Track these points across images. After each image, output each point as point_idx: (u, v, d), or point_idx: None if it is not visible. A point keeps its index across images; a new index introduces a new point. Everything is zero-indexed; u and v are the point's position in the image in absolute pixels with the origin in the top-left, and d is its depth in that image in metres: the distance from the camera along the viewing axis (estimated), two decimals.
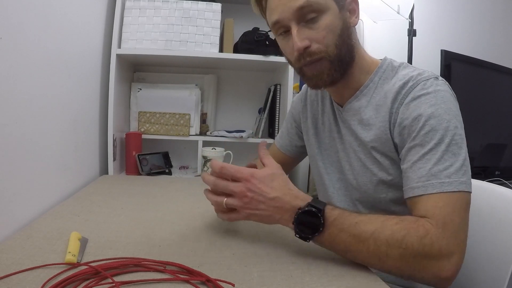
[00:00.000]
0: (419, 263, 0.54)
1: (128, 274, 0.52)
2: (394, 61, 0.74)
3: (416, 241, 0.53)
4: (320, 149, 0.85)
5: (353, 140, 0.75)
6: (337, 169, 0.81)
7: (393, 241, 0.54)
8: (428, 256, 0.53)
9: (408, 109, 0.64)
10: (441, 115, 0.61)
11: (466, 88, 1.66)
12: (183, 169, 1.65)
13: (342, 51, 0.67)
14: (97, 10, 1.24)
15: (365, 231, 0.56)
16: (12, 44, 0.70)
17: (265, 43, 1.45)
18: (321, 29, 0.65)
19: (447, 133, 0.60)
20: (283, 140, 0.99)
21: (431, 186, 0.58)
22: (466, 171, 0.59)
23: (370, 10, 1.58)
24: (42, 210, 0.83)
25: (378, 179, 0.71)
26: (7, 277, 0.49)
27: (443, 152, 0.59)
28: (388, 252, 0.54)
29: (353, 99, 0.74)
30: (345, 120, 0.77)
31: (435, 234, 0.54)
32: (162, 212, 0.84)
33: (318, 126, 0.85)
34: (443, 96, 0.63)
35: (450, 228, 0.55)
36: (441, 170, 0.58)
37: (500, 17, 1.99)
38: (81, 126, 1.12)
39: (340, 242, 0.57)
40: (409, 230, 0.55)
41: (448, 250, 0.53)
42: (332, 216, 0.57)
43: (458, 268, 0.54)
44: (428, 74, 0.67)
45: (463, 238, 0.56)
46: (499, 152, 1.86)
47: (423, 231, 0.54)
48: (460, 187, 0.57)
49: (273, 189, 0.60)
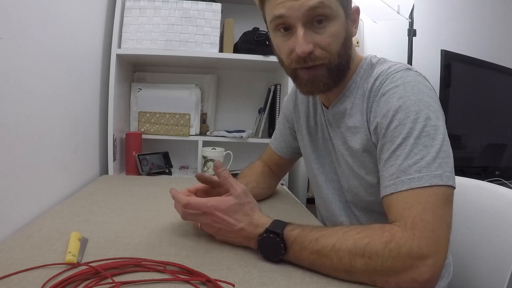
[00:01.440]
0: (389, 269, 0.50)
1: (128, 274, 0.52)
2: (373, 58, 0.72)
3: (381, 248, 0.50)
4: (313, 149, 0.84)
5: (341, 143, 0.74)
6: (331, 170, 0.80)
7: (356, 250, 0.51)
8: (397, 261, 0.50)
9: (379, 106, 0.63)
10: (409, 107, 0.58)
11: (466, 88, 1.66)
12: (183, 169, 1.65)
13: (342, 60, 0.66)
14: (97, 10, 1.24)
15: (326, 245, 0.54)
16: (12, 44, 0.70)
17: (265, 43, 1.45)
18: (327, 35, 0.63)
19: (416, 125, 0.57)
20: (278, 142, 0.99)
21: (400, 183, 0.55)
22: (442, 164, 0.55)
23: (370, 10, 1.58)
24: (42, 210, 0.83)
25: (367, 182, 0.70)
26: (7, 277, 0.49)
27: (412, 146, 0.56)
28: (353, 263, 0.52)
29: (337, 102, 0.73)
30: (333, 123, 0.76)
31: (403, 238, 0.50)
32: (162, 212, 0.84)
33: (311, 126, 0.85)
34: (412, 88, 0.60)
35: (421, 228, 0.51)
36: (411, 165, 0.55)
37: (500, 17, 1.99)
38: (81, 126, 1.12)
39: (305, 259, 0.56)
40: (373, 237, 0.52)
41: (420, 253, 0.50)
42: (292, 236, 0.57)
43: (437, 269, 0.50)
44: (398, 67, 0.65)
45: (440, 237, 0.51)
46: (499, 152, 1.86)
47: (388, 236, 0.51)
48: (433, 181, 0.53)
49: (238, 220, 0.62)
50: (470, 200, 0.85)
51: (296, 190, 1.56)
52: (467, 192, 0.86)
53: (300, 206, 1.01)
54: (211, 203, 0.63)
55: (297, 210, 0.94)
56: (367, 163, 0.68)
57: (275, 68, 1.61)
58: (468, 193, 0.86)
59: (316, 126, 0.83)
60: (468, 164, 1.69)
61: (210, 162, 1.42)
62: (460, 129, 1.63)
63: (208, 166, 1.42)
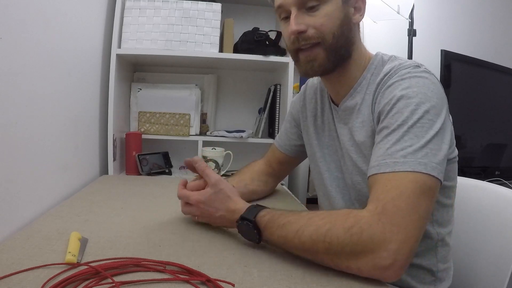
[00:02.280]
0: (350, 254, 0.51)
1: (128, 274, 0.52)
2: (385, 55, 0.74)
3: (342, 232, 0.52)
4: (320, 147, 0.84)
5: (347, 139, 0.75)
6: (336, 168, 0.81)
7: (317, 236, 0.54)
8: (358, 246, 0.50)
9: (383, 96, 0.65)
10: (410, 97, 0.59)
11: (466, 88, 1.66)
12: (183, 169, 1.65)
13: (339, 42, 0.67)
14: (97, 10, 1.24)
15: (290, 230, 0.57)
16: (13, 44, 0.70)
17: (265, 43, 1.45)
18: (319, 16, 0.66)
19: (413, 115, 0.57)
20: (282, 140, 0.99)
21: (384, 165, 0.56)
22: (429, 154, 0.55)
23: (370, 10, 1.58)
24: (42, 210, 0.83)
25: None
26: (7, 277, 0.49)
27: (404, 133, 0.57)
28: (314, 248, 0.54)
29: (348, 98, 0.74)
30: (341, 120, 0.77)
31: (367, 222, 0.51)
32: (162, 212, 0.84)
33: (318, 124, 0.85)
34: (417, 82, 0.61)
35: (390, 214, 0.51)
36: (398, 150, 0.56)
37: (500, 17, 1.99)
38: (81, 126, 1.12)
39: (276, 243, 0.60)
40: (335, 223, 0.53)
41: (382, 238, 0.50)
42: (263, 222, 0.61)
43: (400, 257, 0.49)
44: (409, 63, 0.66)
45: (409, 224, 0.51)
46: (499, 152, 1.86)
47: (352, 221, 0.52)
48: (417, 168, 0.53)
49: (216, 209, 0.69)
50: (470, 200, 0.86)
51: (296, 190, 1.56)
52: (467, 192, 0.86)
53: (300, 206, 1.01)
54: (194, 196, 0.71)
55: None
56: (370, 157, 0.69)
57: (275, 68, 1.61)
58: (468, 193, 0.86)
59: (323, 124, 0.84)
60: (468, 164, 1.69)
61: (210, 162, 1.42)
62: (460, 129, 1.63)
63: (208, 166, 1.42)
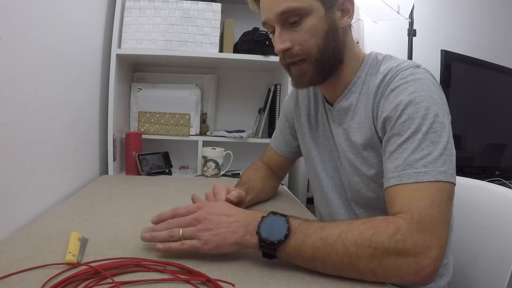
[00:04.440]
0: (393, 261, 0.50)
1: (128, 274, 0.52)
2: (379, 54, 0.73)
3: (386, 238, 0.51)
4: (315, 147, 0.84)
5: (343, 140, 0.74)
6: (332, 168, 0.81)
7: (362, 240, 0.51)
8: (403, 254, 0.50)
9: (387, 101, 0.64)
10: (419, 102, 0.59)
11: (466, 88, 1.66)
12: (183, 169, 1.65)
13: (325, 54, 0.67)
14: (97, 10, 1.24)
15: (332, 233, 0.53)
16: (12, 44, 0.70)
17: (265, 43, 1.45)
18: (303, 32, 0.66)
19: (425, 121, 0.58)
20: (278, 141, 0.99)
21: (406, 176, 0.56)
22: (447, 161, 0.56)
23: (370, 10, 1.58)
24: (42, 210, 0.83)
25: (368, 178, 0.70)
26: (7, 277, 0.49)
27: (420, 141, 0.57)
28: (359, 253, 0.51)
29: (342, 98, 0.74)
30: (336, 120, 0.77)
31: (408, 230, 0.51)
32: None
33: (312, 123, 0.85)
34: (422, 84, 0.61)
35: (427, 222, 0.51)
36: (418, 160, 0.56)
37: (500, 17, 1.99)
38: (81, 126, 1.12)
39: (307, 249, 0.53)
40: (378, 228, 0.52)
41: (424, 246, 0.50)
42: (296, 223, 0.56)
43: (438, 264, 0.51)
44: (408, 64, 0.66)
45: (443, 232, 0.52)
46: (499, 152, 1.86)
47: (393, 228, 0.52)
48: (439, 177, 0.54)
49: (231, 210, 0.61)
50: (470, 200, 0.86)
51: (296, 190, 1.56)
52: (467, 192, 0.86)
53: (300, 206, 1.01)
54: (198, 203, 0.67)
55: (297, 210, 0.94)
56: (370, 158, 0.69)
57: (275, 68, 1.61)
58: (468, 193, 0.86)
59: (318, 124, 0.83)
60: (468, 164, 1.69)
61: (210, 162, 1.42)
62: (460, 129, 1.63)
63: (208, 166, 1.42)
